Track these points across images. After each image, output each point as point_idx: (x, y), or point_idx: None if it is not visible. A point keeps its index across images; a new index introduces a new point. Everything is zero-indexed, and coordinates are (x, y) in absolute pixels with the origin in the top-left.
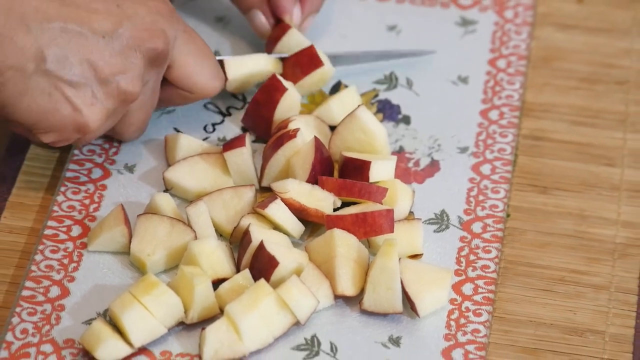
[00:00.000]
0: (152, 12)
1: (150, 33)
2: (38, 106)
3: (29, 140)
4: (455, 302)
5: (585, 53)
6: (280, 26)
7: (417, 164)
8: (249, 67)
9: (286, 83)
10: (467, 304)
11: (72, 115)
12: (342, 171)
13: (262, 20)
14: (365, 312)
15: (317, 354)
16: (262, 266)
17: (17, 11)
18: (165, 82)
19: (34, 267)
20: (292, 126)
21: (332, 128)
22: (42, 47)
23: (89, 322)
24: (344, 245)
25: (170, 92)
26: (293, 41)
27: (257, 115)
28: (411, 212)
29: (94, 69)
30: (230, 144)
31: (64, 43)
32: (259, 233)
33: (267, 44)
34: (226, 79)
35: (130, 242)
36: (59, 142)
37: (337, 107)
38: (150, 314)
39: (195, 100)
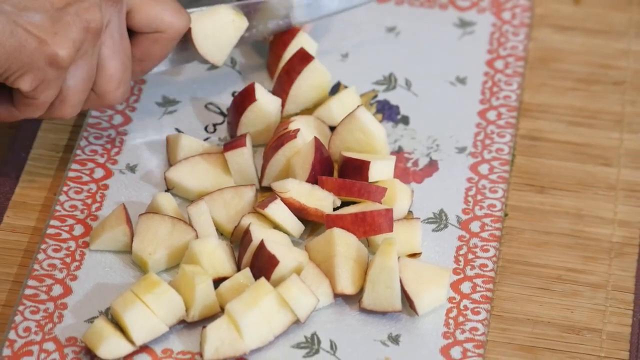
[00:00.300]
0: None
1: None
2: (3, 47)
3: (32, 140)
4: (454, 301)
5: (583, 54)
6: (288, 30)
7: (415, 163)
8: (210, 18)
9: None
10: (465, 302)
11: (39, 48)
12: (341, 171)
13: None
14: (365, 311)
15: (317, 352)
16: (263, 265)
17: None
18: (135, 35)
19: (36, 266)
20: (292, 127)
21: (332, 128)
22: None
23: (91, 320)
24: (343, 244)
25: (144, 44)
26: (302, 45)
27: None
28: (410, 212)
29: (50, 2)
30: (231, 144)
31: None
32: (260, 232)
33: (271, 46)
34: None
35: (132, 241)
36: (40, 89)
37: (337, 107)
38: (151, 312)
39: (171, 43)
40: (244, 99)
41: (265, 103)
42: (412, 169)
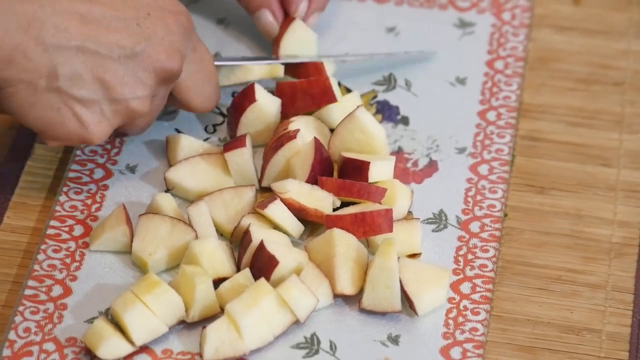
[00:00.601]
0: (171, 30)
1: (167, 55)
2: (47, 118)
3: (32, 141)
4: (454, 301)
5: (582, 54)
6: (285, 20)
7: (415, 164)
8: (240, 77)
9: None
10: (465, 302)
11: (78, 130)
12: (341, 171)
13: (270, 19)
14: (364, 311)
15: (316, 352)
16: (262, 265)
17: (36, 28)
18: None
19: (36, 267)
20: (292, 127)
21: (332, 129)
22: (56, 66)
23: (91, 320)
24: (343, 244)
25: (170, 98)
26: (298, 34)
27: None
28: (410, 212)
29: (106, 88)
30: (230, 145)
31: (79, 62)
32: (259, 233)
33: (274, 45)
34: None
35: (131, 241)
36: (64, 145)
37: (337, 108)
38: (151, 312)
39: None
40: (244, 99)
41: (265, 103)
42: (411, 169)
